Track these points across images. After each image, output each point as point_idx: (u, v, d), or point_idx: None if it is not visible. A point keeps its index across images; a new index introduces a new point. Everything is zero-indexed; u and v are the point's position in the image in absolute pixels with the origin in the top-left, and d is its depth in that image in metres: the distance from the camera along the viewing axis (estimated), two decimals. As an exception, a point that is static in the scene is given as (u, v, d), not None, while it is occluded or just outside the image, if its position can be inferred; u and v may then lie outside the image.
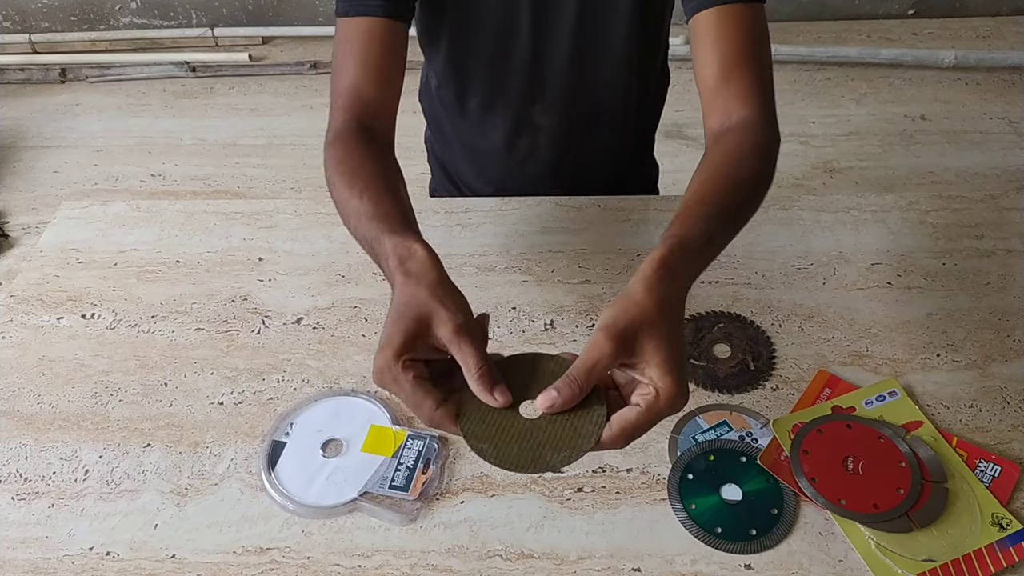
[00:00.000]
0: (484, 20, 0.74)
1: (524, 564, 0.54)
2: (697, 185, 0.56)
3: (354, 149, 0.62)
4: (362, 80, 0.65)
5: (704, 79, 0.65)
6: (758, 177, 0.59)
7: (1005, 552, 0.53)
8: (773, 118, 0.64)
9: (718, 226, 0.53)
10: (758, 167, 0.59)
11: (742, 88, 0.63)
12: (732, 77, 0.63)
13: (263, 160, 1.97)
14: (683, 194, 0.56)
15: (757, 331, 0.68)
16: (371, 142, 0.63)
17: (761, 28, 0.65)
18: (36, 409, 0.65)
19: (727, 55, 0.63)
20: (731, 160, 0.59)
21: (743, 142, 0.60)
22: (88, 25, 2.39)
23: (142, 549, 0.56)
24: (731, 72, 0.63)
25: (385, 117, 0.67)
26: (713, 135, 0.63)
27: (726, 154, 0.60)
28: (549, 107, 0.81)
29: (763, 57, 0.65)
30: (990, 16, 2.31)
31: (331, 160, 0.61)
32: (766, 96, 0.64)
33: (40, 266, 0.78)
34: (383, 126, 0.66)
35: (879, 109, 2.02)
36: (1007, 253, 0.75)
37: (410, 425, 0.62)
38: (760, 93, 0.63)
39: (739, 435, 0.61)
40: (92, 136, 2.09)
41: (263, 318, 0.72)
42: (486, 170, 0.90)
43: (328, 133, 0.64)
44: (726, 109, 0.63)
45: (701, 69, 0.65)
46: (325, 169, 0.61)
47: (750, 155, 0.59)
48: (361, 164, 0.60)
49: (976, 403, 0.62)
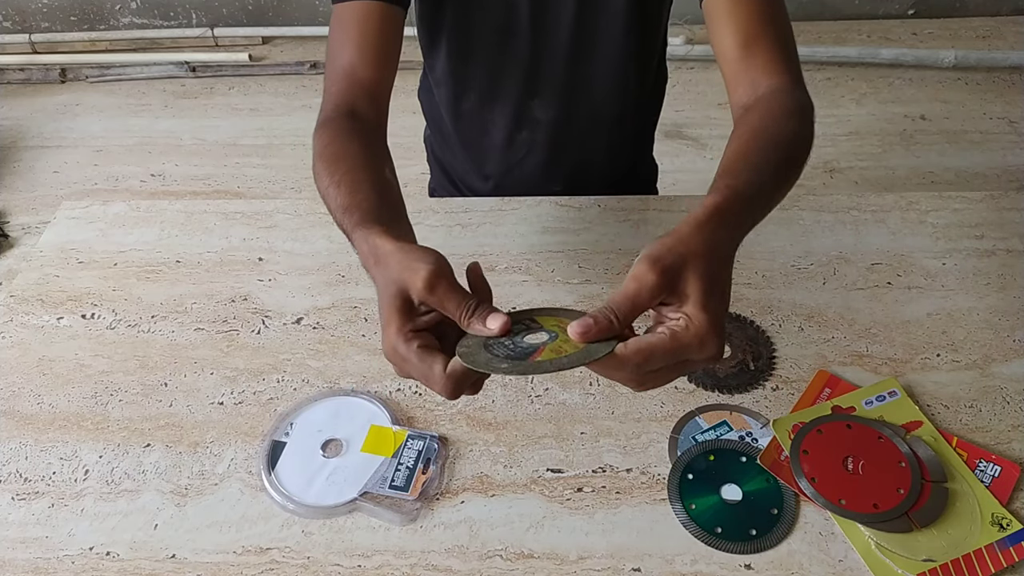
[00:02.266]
0: (484, 15, 0.74)
1: (524, 564, 0.54)
2: (736, 145, 0.54)
3: (340, 135, 0.61)
4: (358, 60, 0.64)
5: (725, 53, 0.62)
6: (796, 138, 0.56)
7: (1005, 552, 0.53)
8: (802, 83, 0.61)
9: (764, 179, 0.51)
10: (795, 128, 0.57)
11: (766, 57, 0.60)
12: (754, 48, 0.61)
13: (263, 160, 1.97)
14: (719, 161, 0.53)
15: (757, 331, 0.68)
16: (358, 127, 0.62)
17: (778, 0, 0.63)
18: (36, 409, 0.65)
19: (746, 26, 0.61)
20: (766, 123, 0.57)
21: (775, 107, 0.58)
22: (88, 25, 2.39)
23: (142, 549, 0.56)
24: (752, 43, 0.61)
25: (379, 98, 0.66)
26: (742, 108, 0.61)
27: (760, 118, 0.57)
28: (548, 102, 0.81)
29: (783, 26, 0.63)
30: (990, 16, 2.31)
31: (316, 147, 0.60)
32: (792, 62, 0.61)
33: (40, 266, 0.78)
34: (376, 106, 0.65)
35: (879, 109, 2.02)
36: (1007, 253, 0.75)
37: (410, 425, 0.62)
38: (785, 59, 0.61)
39: (739, 435, 0.61)
40: (92, 136, 2.09)
41: (263, 318, 0.72)
42: (485, 166, 0.90)
43: (318, 119, 0.63)
44: (752, 80, 0.60)
45: (720, 44, 0.63)
46: (313, 156, 0.60)
47: (784, 118, 0.57)
48: (344, 150, 0.59)
49: (976, 403, 0.62)
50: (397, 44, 0.68)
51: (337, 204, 0.54)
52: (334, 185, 0.55)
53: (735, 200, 0.47)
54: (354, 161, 0.58)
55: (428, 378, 0.44)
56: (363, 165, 0.58)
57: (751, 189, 0.49)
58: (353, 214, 0.52)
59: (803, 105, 0.59)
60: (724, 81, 0.64)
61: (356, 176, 0.56)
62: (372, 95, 0.65)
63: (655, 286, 0.41)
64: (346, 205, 0.53)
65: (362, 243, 0.50)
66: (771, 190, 0.52)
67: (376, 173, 0.57)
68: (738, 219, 0.47)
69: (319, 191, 0.58)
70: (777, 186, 0.54)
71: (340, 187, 0.55)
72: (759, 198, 0.50)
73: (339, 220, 0.54)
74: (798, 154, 0.56)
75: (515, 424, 0.62)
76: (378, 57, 0.66)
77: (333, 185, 0.55)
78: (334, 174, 0.56)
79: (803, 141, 0.57)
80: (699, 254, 0.43)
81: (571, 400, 0.64)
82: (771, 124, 0.56)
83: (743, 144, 0.54)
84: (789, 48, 0.62)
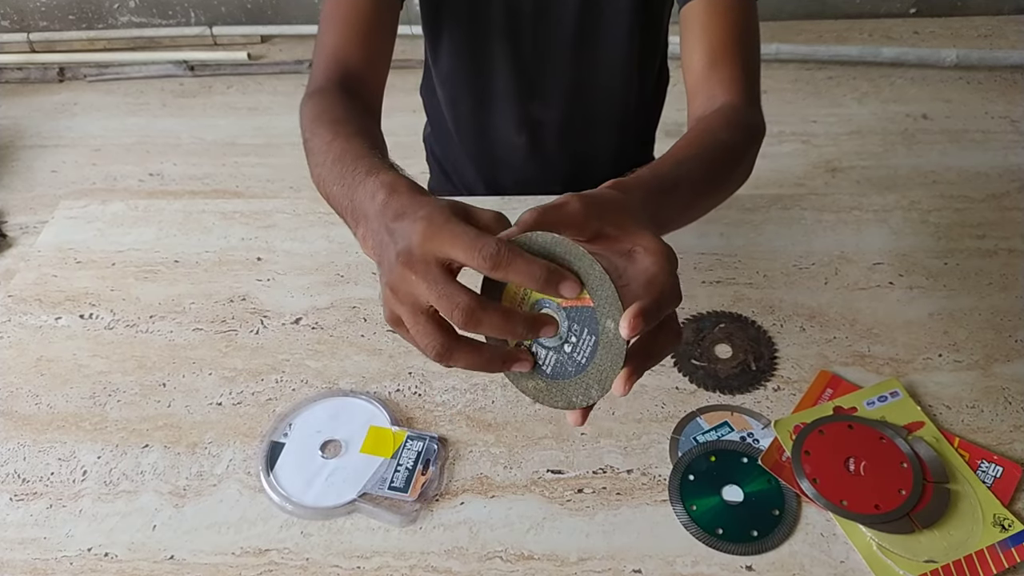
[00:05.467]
0: (486, 15, 0.74)
1: (524, 565, 0.54)
2: (672, 149, 0.53)
3: (336, 104, 0.56)
4: (344, 45, 0.62)
5: (691, 66, 0.63)
6: (735, 149, 0.56)
7: (1007, 553, 0.53)
8: (757, 106, 0.62)
9: (684, 174, 0.49)
10: (737, 142, 0.56)
11: (728, 75, 0.61)
12: (719, 64, 0.61)
13: (262, 159, 1.97)
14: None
15: (759, 331, 0.68)
16: (356, 101, 0.58)
17: (751, 20, 0.64)
18: (34, 409, 0.65)
19: (714, 44, 0.62)
20: (707, 130, 0.56)
21: (724, 120, 0.58)
22: (86, 24, 2.38)
23: (140, 550, 0.55)
24: (717, 60, 0.62)
25: (371, 88, 0.63)
26: (695, 119, 0.62)
27: (705, 127, 0.57)
28: (549, 103, 0.81)
29: (751, 48, 0.63)
30: (992, 15, 2.31)
31: (308, 114, 0.56)
32: (751, 83, 0.62)
33: (38, 266, 0.77)
34: (368, 91, 0.62)
35: (881, 108, 2.02)
36: (1009, 253, 0.75)
37: (409, 426, 0.62)
38: (745, 80, 0.61)
39: (740, 436, 0.60)
40: (90, 135, 2.09)
41: (262, 318, 0.71)
42: (486, 166, 0.90)
43: (306, 91, 0.60)
44: (710, 94, 0.61)
45: (688, 58, 0.64)
46: (301, 123, 0.56)
47: (727, 129, 0.57)
48: (345, 118, 0.54)
49: (978, 403, 0.62)
50: (389, 36, 0.66)
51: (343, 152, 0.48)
52: (342, 137, 0.50)
53: (640, 178, 0.44)
54: (361, 123, 0.54)
55: (448, 298, 0.36)
56: (369, 130, 0.54)
57: (664, 179, 0.46)
58: (372, 158, 0.47)
59: (751, 123, 0.60)
60: (686, 91, 0.64)
61: (373, 135, 0.52)
62: (363, 82, 0.62)
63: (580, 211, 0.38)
64: (359, 152, 0.48)
65: (384, 177, 0.43)
66: (690, 189, 0.50)
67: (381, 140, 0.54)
68: (648, 196, 0.44)
69: (312, 149, 0.53)
70: (699, 188, 0.51)
71: (351, 140, 0.49)
72: (675, 191, 0.47)
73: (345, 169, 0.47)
74: (730, 166, 0.56)
75: (515, 425, 0.62)
76: (369, 46, 0.63)
77: (341, 137, 0.50)
78: (339, 133, 0.51)
79: (741, 154, 0.57)
80: (612, 194, 0.40)
81: (571, 400, 0.63)
82: (711, 133, 0.56)
83: (674, 149, 0.53)
84: (751, 68, 0.63)
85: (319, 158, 0.52)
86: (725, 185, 0.56)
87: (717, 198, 0.56)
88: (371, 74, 0.64)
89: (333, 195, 0.49)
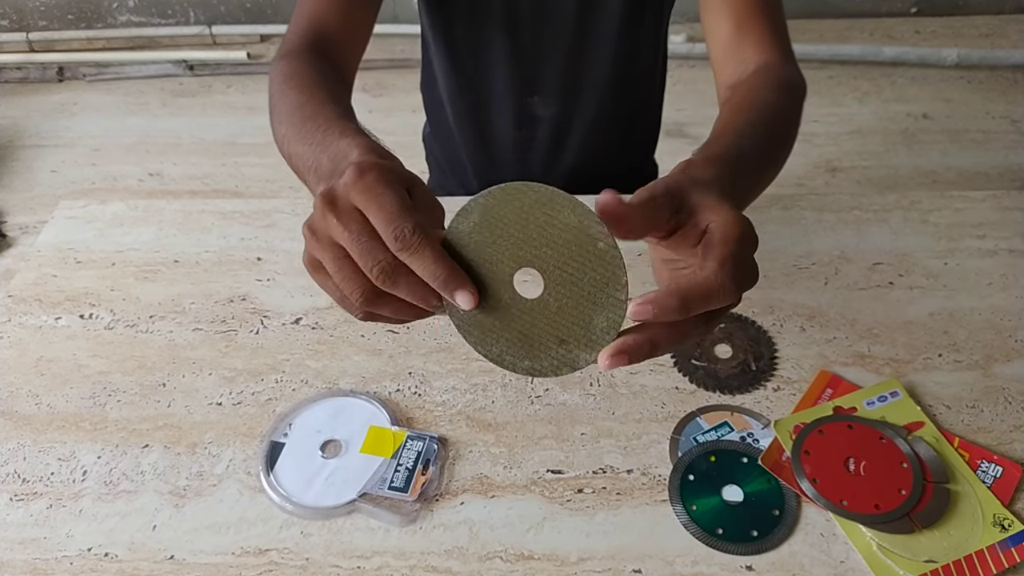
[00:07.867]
0: (485, 10, 0.74)
1: (524, 566, 0.54)
2: (720, 123, 0.50)
3: (310, 67, 0.54)
4: (324, 10, 0.60)
5: (717, 35, 0.61)
6: (784, 111, 0.53)
7: (1007, 553, 0.53)
8: (794, 62, 0.59)
9: (749, 144, 0.46)
10: (783, 101, 0.54)
11: (757, 35, 0.59)
12: (745, 27, 0.59)
13: (261, 159, 1.97)
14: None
15: (758, 331, 0.68)
16: (329, 66, 0.56)
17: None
18: (34, 410, 0.65)
19: (738, 7, 0.60)
20: (752, 96, 0.53)
21: (763, 81, 0.55)
22: (85, 23, 2.38)
23: (140, 550, 0.55)
24: (743, 23, 0.59)
25: (347, 56, 0.61)
26: (729, 88, 0.59)
27: (746, 92, 0.54)
28: (548, 100, 0.81)
29: (777, 10, 0.61)
30: (993, 14, 2.30)
31: (279, 75, 0.53)
32: (783, 40, 0.60)
33: (38, 266, 0.77)
34: (344, 62, 0.60)
35: (881, 108, 2.02)
36: (1009, 253, 0.75)
37: (409, 426, 0.62)
38: (776, 36, 0.59)
39: (740, 436, 0.60)
40: (90, 135, 2.09)
41: (261, 318, 0.71)
42: (484, 162, 0.90)
43: (278, 52, 0.58)
44: (741, 58, 0.59)
45: (713, 29, 0.62)
46: (270, 83, 0.54)
47: (772, 90, 0.54)
48: (318, 81, 0.52)
49: (978, 403, 0.62)
50: (370, 8, 0.64)
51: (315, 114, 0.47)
52: (316, 100, 0.48)
53: (712, 159, 0.42)
54: (334, 88, 0.52)
55: (396, 217, 0.34)
56: (340, 97, 0.52)
57: (734, 151, 0.44)
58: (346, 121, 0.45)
59: (793, 80, 0.57)
60: (712, 64, 0.62)
61: (341, 99, 0.50)
62: (339, 46, 0.60)
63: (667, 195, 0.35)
64: (331, 116, 0.46)
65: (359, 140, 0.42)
66: (758, 158, 0.47)
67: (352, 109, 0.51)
68: (723, 171, 0.41)
69: (279, 108, 0.51)
70: (764, 155, 0.49)
71: (325, 105, 0.48)
72: (744, 162, 0.44)
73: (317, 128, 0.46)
74: (785, 129, 0.53)
75: (515, 425, 0.62)
76: (348, 13, 0.61)
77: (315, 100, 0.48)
78: (314, 95, 0.49)
79: (791, 116, 0.54)
80: (694, 179, 0.38)
81: (571, 401, 0.63)
82: (758, 97, 0.53)
83: (726, 118, 0.50)
84: (780, 28, 0.61)
85: (286, 116, 0.50)
86: (785, 148, 0.52)
87: (779, 165, 0.52)
88: (348, 43, 0.62)
89: (297, 154, 0.47)
